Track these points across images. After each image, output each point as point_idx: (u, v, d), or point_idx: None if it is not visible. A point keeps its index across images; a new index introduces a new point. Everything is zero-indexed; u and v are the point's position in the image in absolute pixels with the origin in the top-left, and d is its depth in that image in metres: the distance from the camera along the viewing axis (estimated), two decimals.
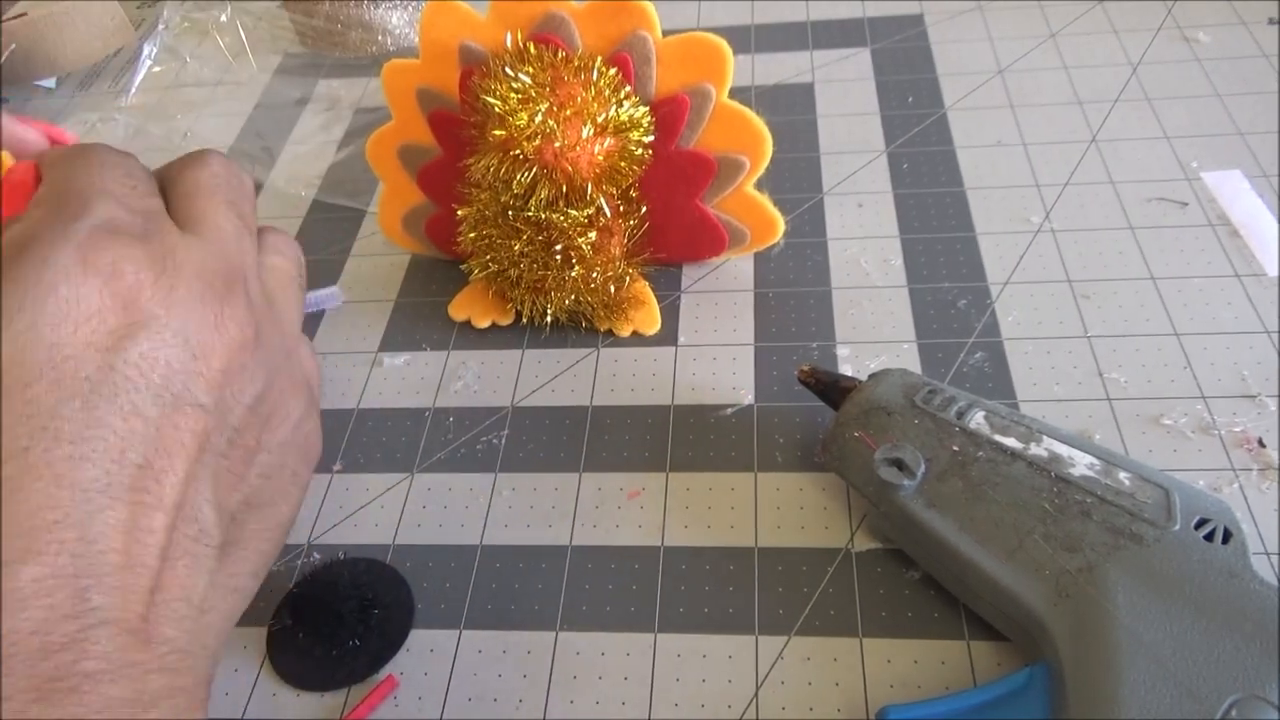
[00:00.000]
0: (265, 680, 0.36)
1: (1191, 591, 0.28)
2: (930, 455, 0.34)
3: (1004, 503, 0.32)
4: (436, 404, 0.45)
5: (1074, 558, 0.30)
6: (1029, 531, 0.31)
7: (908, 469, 0.33)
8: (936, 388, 0.35)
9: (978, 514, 0.32)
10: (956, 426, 0.34)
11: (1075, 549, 0.30)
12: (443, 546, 0.39)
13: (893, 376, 0.36)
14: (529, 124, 0.38)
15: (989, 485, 0.32)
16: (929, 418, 0.34)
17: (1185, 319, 0.43)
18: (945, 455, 0.33)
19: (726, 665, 0.34)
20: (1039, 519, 0.31)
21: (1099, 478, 0.32)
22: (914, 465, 0.33)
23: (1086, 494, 0.31)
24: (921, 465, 0.33)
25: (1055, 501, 0.31)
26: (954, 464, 0.33)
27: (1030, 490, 0.32)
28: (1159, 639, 0.28)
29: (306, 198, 0.57)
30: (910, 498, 0.33)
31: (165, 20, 0.72)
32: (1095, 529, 0.30)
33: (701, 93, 0.41)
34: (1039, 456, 0.32)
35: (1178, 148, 0.51)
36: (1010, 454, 0.33)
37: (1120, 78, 0.56)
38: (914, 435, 0.34)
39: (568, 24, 0.40)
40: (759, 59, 0.62)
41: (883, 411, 0.35)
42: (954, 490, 0.33)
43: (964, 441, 0.33)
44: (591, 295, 0.44)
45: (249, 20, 0.73)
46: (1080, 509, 0.31)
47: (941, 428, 0.34)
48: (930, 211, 0.50)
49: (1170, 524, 0.30)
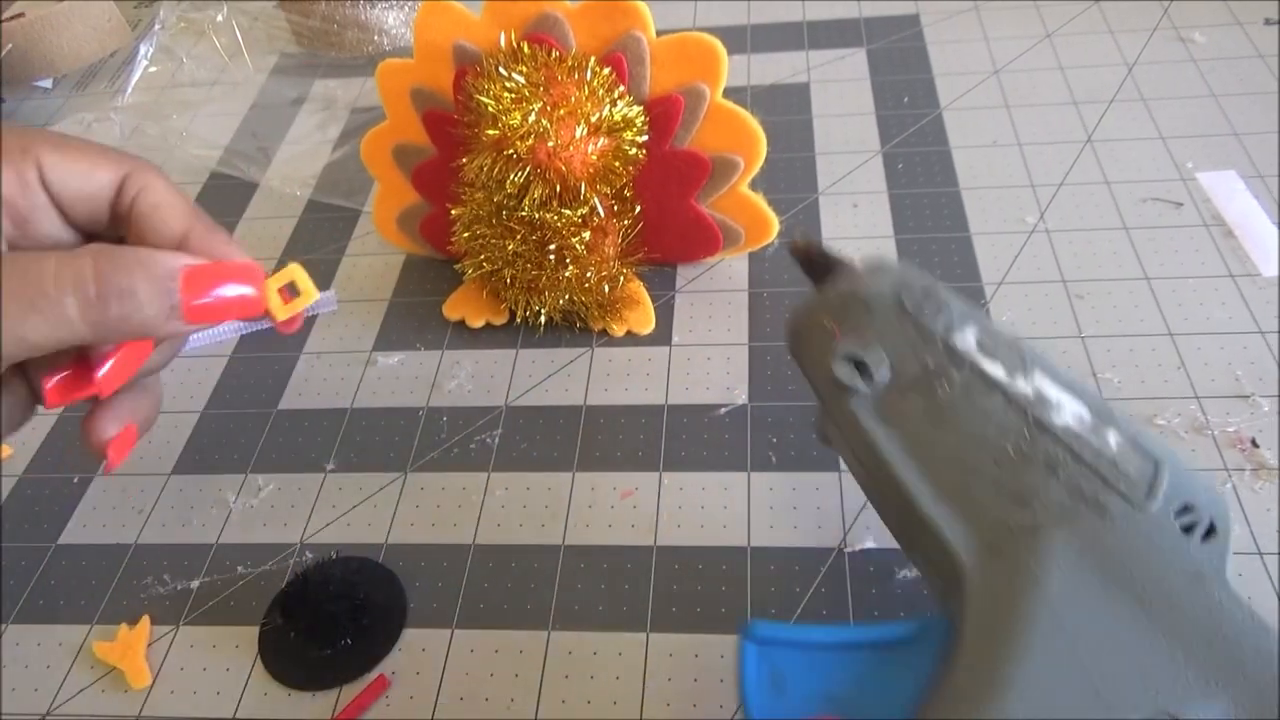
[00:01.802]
0: (257, 679, 0.36)
1: (1143, 583, 0.25)
2: (899, 364, 0.29)
3: (963, 434, 0.28)
4: (430, 403, 0.44)
5: (1021, 513, 0.26)
6: (980, 471, 0.27)
7: (868, 373, 0.29)
8: (934, 291, 0.30)
9: (930, 439, 0.28)
10: (939, 339, 0.29)
11: (1025, 504, 0.26)
12: (435, 546, 0.39)
13: (889, 271, 0.31)
14: (522, 124, 0.38)
15: (952, 410, 0.28)
16: (911, 323, 0.30)
17: (1179, 319, 0.43)
18: (915, 367, 0.29)
19: (719, 664, 0.34)
20: (995, 460, 0.27)
21: (1083, 433, 0.27)
22: (875, 369, 0.29)
23: (1061, 446, 0.27)
24: (885, 371, 0.29)
25: (1021, 447, 0.27)
26: (922, 379, 0.29)
27: (997, 428, 0.27)
28: (1084, 626, 0.24)
29: (302, 197, 0.57)
30: (862, 405, 0.29)
31: (161, 20, 0.72)
32: (1056, 488, 0.26)
33: (695, 92, 0.41)
34: (1021, 393, 0.28)
35: (1173, 148, 0.51)
36: (989, 383, 0.28)
37: (1116, 78, 0.56)
38: (889, 338, 0.29)
39: (561, 24, 0.40)
40: (755, 59, 0.62)
41: (863, 304, 0.30)
42: (914, 408, 0.29)
43: (941, 357, 0.29)
44: (586, 295, 0.44)
45: (245, 20, 0.73)
46: (1046, 461, 0.27)
47: (922, 336, 0.29)
48: (925, 211, 0.50)
49: (1148, 502, 0.26)
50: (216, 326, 0.32)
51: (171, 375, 0.48)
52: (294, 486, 0.42)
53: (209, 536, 0.41)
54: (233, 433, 0.45)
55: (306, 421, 0.45)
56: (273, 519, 0.41)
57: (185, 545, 0.41)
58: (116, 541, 0.41)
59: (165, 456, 0.44)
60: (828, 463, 0.40)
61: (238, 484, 0.43)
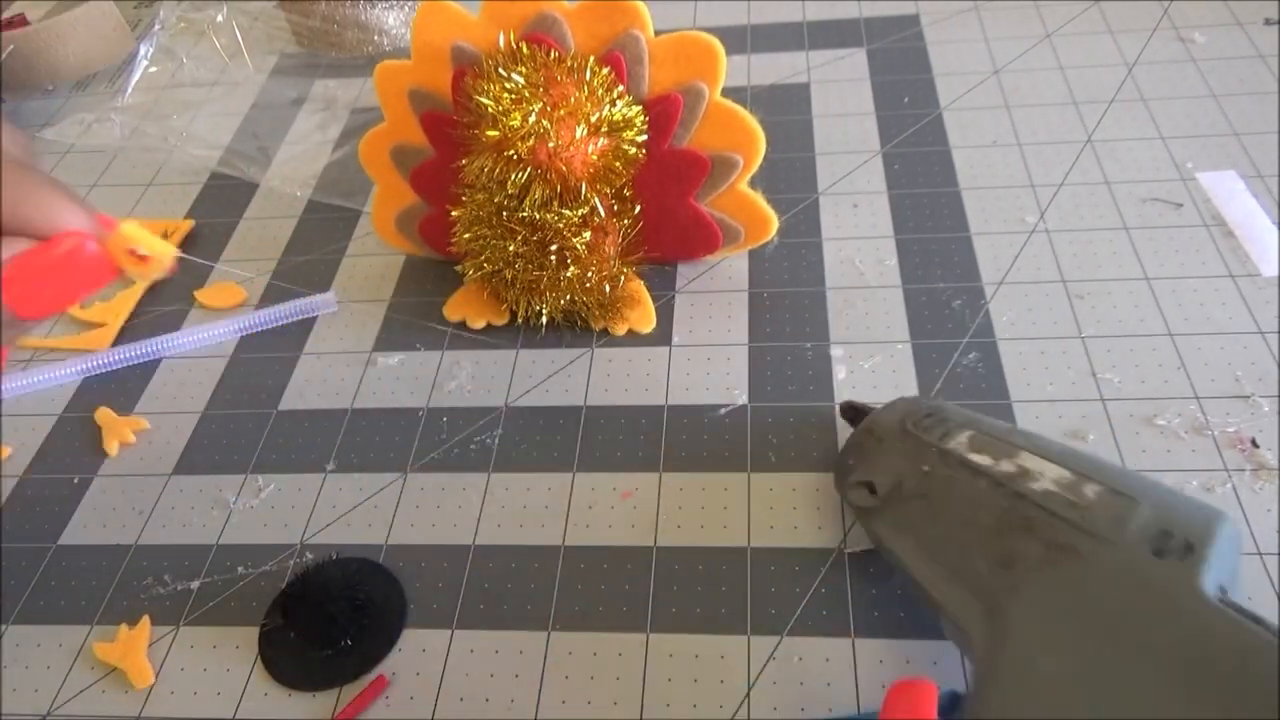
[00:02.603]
0: (257, 680, 0.36)
1: (1115, 612, 0.26)
2: (903, 478, 0.33)
3: (955, 520, 0.31)
4: (430, 404, 0.44)
5: (1006, 576, 0.29)
6: (971, 548, 0.30)
7: (875, 493, 0.34)
8: (937, 411, 0.35)
9: (932, 532, 0.32)
10: (934, 448, 0.33)
11: (1010, 566, 0.29)
12: (436, 546, 0.39)
13: (898, 405, 0.37)
14: (523, 124, 0.38)
15: (945, 503, 0.32)
16: (913, 440, 0.34)
17: (1179, 319, 0.43)
18: (916, 476, 0.33)
19: (719, 665, 0.34)
20: (982, 536, 0.30)
21: (1060, 491, 0.30)
22: (880, 488, 0.34)
23: (1037, 508, 0.30)
24: (888, 488, 0.33)
25: (1001, 517, 0.30)
26: (921, 484, 0.33)
27: (983, 508, 0.31)
28: (1059, 668, 0.26)
29: (302, 198, 0.57)
30: (881, 520, 0.33)
31: (161, 21, 0.72)
32: (1035, 545, 0.29)
33: (694, 91, 0.41)
34: (1003, 472, 0.31)
35: (1173, 148, 0.51)
36: (974, 470, 0.32)
37: (1116, 78, 0.56)
38: (894, 460, 0.34)
39: (560, 24, 0.40)
40: (755, 59, 0.62)
41: (873, 438, 0.36)
42: (917, 510, 0.33)
43: (936, 461, 0.33)
44: (587, 295, 0.44)
45: (245, 20, 0.73)
46: (1024, 524, 0.29)
47: (921, 449, 0.34)
48: (925, 212, 0.50)
49: (1119, 536, 0.28)
50: None
51: (172, 376, 0.48)
52: (294, 487, 0.42)
53: (209, 537, 0.41)
54: (233, 433, 0.45)
55: (306, 422, 0.45)
56: (273, 520, 0.41)
57: (185, 546, 0.41)
58: (116, 542, 0.41)
59: (165, 457, 0.44)
60: (827, 462, 0.40)
61: (238, 484, 0.43)
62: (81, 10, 0.69)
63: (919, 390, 0.42)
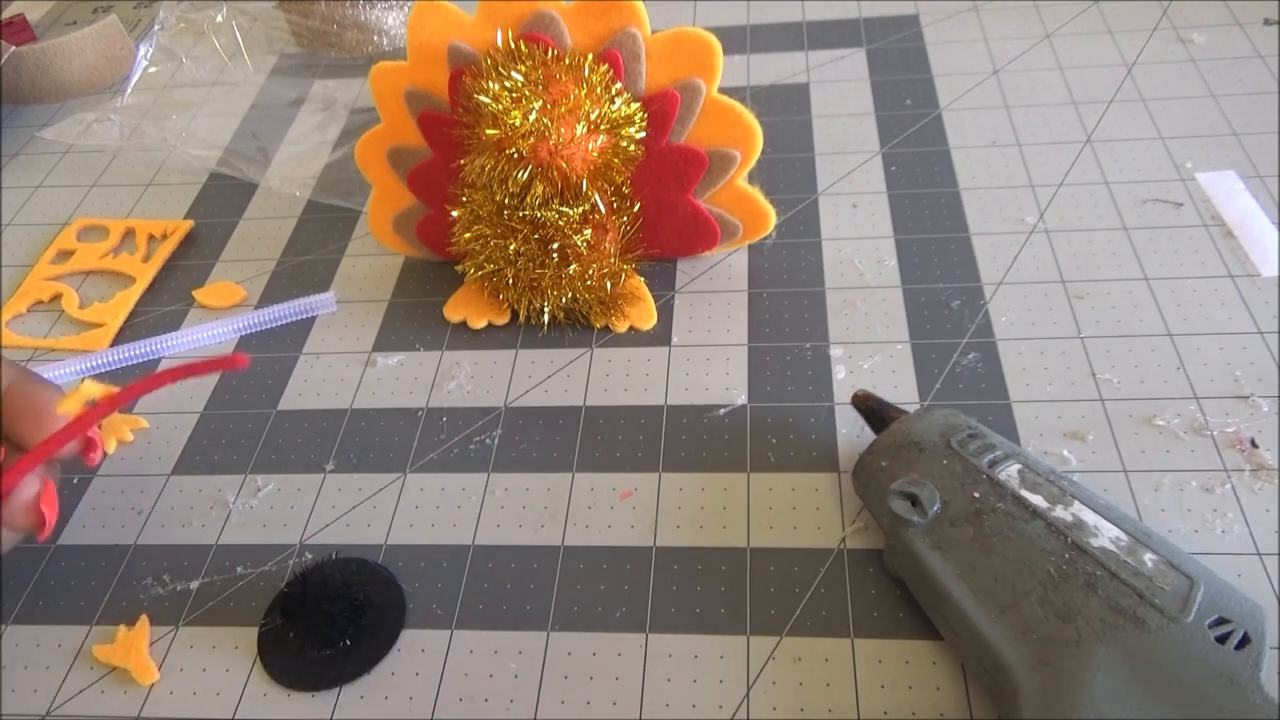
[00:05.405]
0: (256, 680, 0.36)
1: (1180, 690, 0.27)
2: (949, 498, 0.33)
3: (1010, 558, 0.31)
4: (430, 404, 0.44)
5: (1065, 628, 0.29)
6: (1027, 592, 0.30)
7: (920, 506, 0.33)
8: (979, 433, 0.35)
9: (980, 564, 0.31)
10: (984, 474, 0.33)
11: (1069, 619, 0.29)
12: (435, 547, 0.39)
13: (936, 414, 0.36)
14: (523, 122, 0.38)
15: (999, 538, 0.32)
16: (959, 460, 0.34)
17: (1179, 319, 0.43)
18: (964, 500, 0.33)
19: (718, 665, 0.34)
20: (1040, 582, 0.30)
21: (1120, 553, 0.30)
22: (928, 503, 0.33)
23: (1099, 566, 0.30)
24: (936, 505, 0.33)
25: (1063, 568, 0.30)
26: (970, 511, 0.33)
27: (1040, 552, 0.31)
28: None
29: (301, 198, 0.57)
30: (917, 535, 0.33)
31: (161, 21, 0.72)
32: (1097, 604, 0.29)
33: (691, 88, 0.41)
34: (1060, 519, 0.32)
35: (1172, 148, 0.51)
36: (1031, 511, 0.32)
37: (1115, 78, 0.56)
38: (938, 475, 0.34)
39: (557, 22, 0.40)
40: (754, 59, 0.62)
41: (915, 446, 0.35)
42: (963, 536, 0.32)
43: (987, 490, 0.33)
44: (588, 292, 0.44)
45: (245, 21, 0.73)
46: (1086, 580, 0.30)
47: (969, 472, 0.33)
48: (925, 212, 0.50)
49: (1183, 615, 0.28)
50: None
51: None
52: (293, 487, 0.42)
53: (209, 537, 0.41)
54: (232, 433, 0.45)
55: (306, 422, 0.45)
56: (272, 520, 0.41)
57: (185, 546, 0.41)
58: (116, 542, 0.41)
59: (165, 457, 0.44)
60: (828, 463, 0.40)
61: (237, 484, 0.43)
62: (91, 30, 0.68)
63: (919, 390, 0.41)
